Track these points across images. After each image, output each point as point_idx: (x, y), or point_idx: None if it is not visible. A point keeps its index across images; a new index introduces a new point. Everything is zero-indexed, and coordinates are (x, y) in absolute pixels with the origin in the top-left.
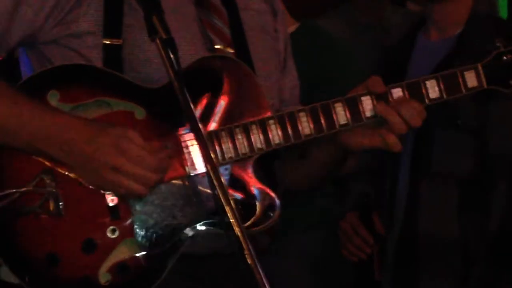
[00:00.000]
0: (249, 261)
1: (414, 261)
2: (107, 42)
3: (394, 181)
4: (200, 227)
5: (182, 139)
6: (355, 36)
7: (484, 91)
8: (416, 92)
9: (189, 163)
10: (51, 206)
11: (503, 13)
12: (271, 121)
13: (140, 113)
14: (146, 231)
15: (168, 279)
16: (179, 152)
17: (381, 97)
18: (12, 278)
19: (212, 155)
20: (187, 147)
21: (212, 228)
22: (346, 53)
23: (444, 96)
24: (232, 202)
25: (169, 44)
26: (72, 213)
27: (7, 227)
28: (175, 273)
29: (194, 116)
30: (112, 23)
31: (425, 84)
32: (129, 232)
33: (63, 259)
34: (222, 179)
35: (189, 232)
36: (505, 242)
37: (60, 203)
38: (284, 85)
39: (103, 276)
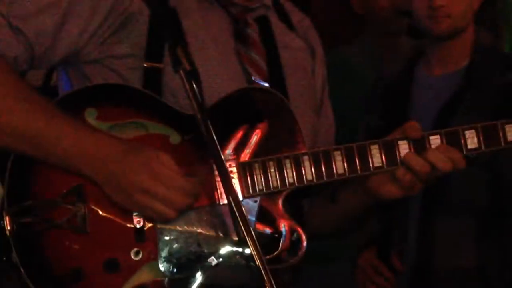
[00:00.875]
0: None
1: None
2: (148, 66)
3: (404, 215)
4: (224, 257)
5: (214, 168)
6: (376, 66)
7: None
8: (454, 141)
9: (218, 192)
10: (78, 222)
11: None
12: (305, 157)
13: (175, 138)
14: (170, 256)
15: None
16: (211, 180)
17: (419, 143)
18: None
19: (241, 186)
20: (218, 176)
21: (236, 259)
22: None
23: (483, 147)
24: (253, 234)
25: (193, 75)
26: (98, 231)
27: (33, 239)
28: None
29: (217, 148)
30: (154, 47)
31: (464, 134)
32: (153, 256)
33: (87, 275)
34: (244, 210)
35: (213, 261)
36: None
37: (87, 220)
38: (320, 126)
39: None
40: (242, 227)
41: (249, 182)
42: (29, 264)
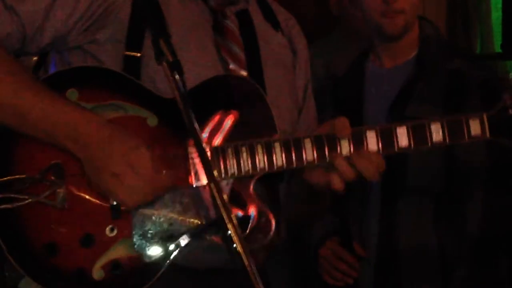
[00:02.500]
0: (250, 272)
1: (396, 275)
2: (128, 54)
3: (364, 200)
4: (195, 238)
5: (190, 151)
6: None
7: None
8: (420, 134)
9: (193, 174)
10: (56, 198)
11: (497, 41)
12: (277, 144)
13: (152, 120)
14: (143, 233)
15: None
16: (186, 162)
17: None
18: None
19: (215, 170)
20: (193, 158)
21: (208, 241)
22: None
23: (447, 141)
24: (234, 217)
25: (176, 67)
26: (76, 208)
27: (11, 213)
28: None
29: (198, 137)
30: (134, 36)
31: (430, 127)
32: (127, 232)
33: (62, 249)
34: (225, 196)
35: (183, 240)
36: (485, 245)
37: (65, 197)
38: (301, 124)
39: (97, 271)
40: (223, 210)
41: (222, 166)
42: (7, 237)
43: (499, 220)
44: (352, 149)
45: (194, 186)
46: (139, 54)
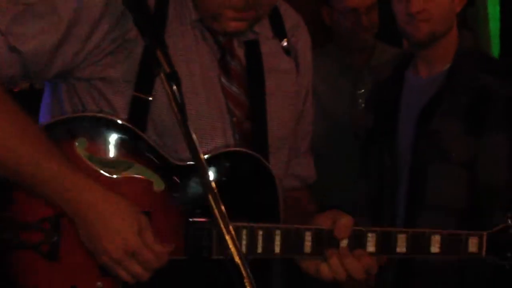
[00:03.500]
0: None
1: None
2: (137, 95)
3: (392, 215)
4: None
5: (188, 225)
6: (338, 75)
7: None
8: (418, 243)
9: (190, 248)
10: (49, 249)
11: (495, 51)
12: (278, 231)
13: (159, 185)
14: None
15: None
16: (183, 234)
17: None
18: None
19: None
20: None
21: None
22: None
23: (442, 254)
24: (232, 230)
25: (173, 78)
26: (66, 260)
27: (3, 256)
28: None
29: (198, 152)
30: (145, 78)
31: (429, 238)
32: None
33: None
34: (223, 208)
35: None
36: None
37: (58, 249)
38: (297, 134)
39: None
40: (221, 222)
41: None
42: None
43: None
44: (346, 249)
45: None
46: (150, 98)
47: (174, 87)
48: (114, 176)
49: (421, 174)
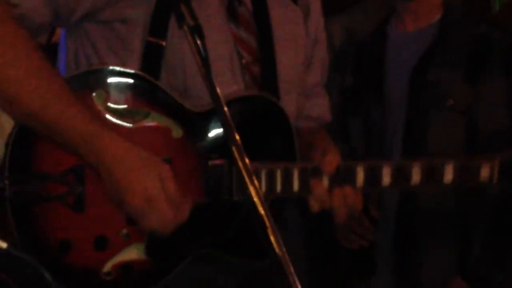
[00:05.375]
0: (272, 239)
1: (413, 238)
2: (151, 40)
3: None
4: (213, 250)
5: (208, 163)
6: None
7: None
8: (432, 173)
9: (211, 190)
10: (74, 200)
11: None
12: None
13: (177, 132)
14: (157, 240)
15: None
16: (203, 178)
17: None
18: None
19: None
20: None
21: (226, 254)
22: None
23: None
24: (256, 182)
25: (196, 31)
26: (92, 210)
27: (29, 208)
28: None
29: (222, 104)
30: (159, 22)
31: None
32: (140, 237)
33: (75, 248)
34: (247, 160)
35: (199, 251)
36: (507, 210)
37: (83, 200)
38: (307, 82)
39: (107, 272)
40: (245, 174)
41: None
42: (22, 231)
43: None
44: (331, 185)
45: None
46: (164, 43)
47: (198, 41)
48: (133, 125)
49: (419, 124)
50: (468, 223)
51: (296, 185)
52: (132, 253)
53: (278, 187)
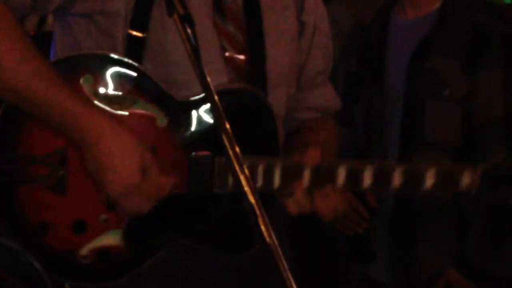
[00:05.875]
0: (263, 228)
1: (410, 228)
2: (132, 32)
3: (383, 154)
4: (193, 239)
5: (190, 159)
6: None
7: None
8: (413, 178)
9: (192, 182)
10: (56, 182)
11: None
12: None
13: (162, 121)
14: (135, 227)
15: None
16: (185, 169)
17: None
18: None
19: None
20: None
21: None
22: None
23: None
24: (246, 170)
25: (186, 19)
26: (73, 193)
27: (10, 188)
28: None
29: (211, 90)
30: (141, 14)
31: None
32: (118, 224)
33: (53, 230)
34: (237, 149)
35: (173, 236)
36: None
37: (64, 183)
38: (307, 71)
39: (84, 256)
40: (235, 162)
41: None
42: (3, 210)
43: None
44: (312, 183)
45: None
46: (143, 35)
47: (188, 30)
48: (120, 112)
49: (416, 112)
50: (464, 214)
51: (276, 182)
52: (110, 239)
53: (259, 182)
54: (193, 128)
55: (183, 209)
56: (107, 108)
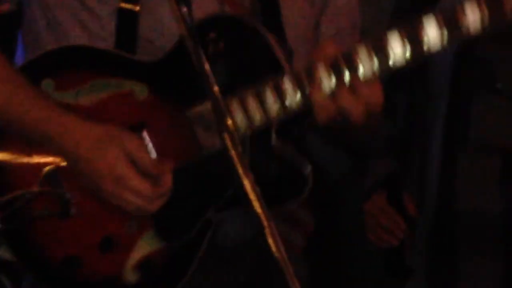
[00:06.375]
0: (269, 239)
1: (452, 242)
2: (123, 6)
3: (424, 154)
4: (225, 208)
5: (190, 115)
6: None
7: None
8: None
9: (201, 142)
10: (59, 207)
11: None
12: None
13: (141, 91)
14: (166, 221)
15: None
16: (191, 129)
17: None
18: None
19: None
20: (196, 123)
21: (236, 209)
22: None
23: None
24: (251, 175)
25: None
26: (84, 212)
27: (21, 232)
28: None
29: (209, 78)
30: None
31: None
32: (148, 225)
33: (84, 260)
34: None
35: (212, 216)
36: None
37: (68, 204)
38: (319, 35)
39: (131, 275)
40: (239, 166)
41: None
42: (26, 258)
43: None
44: (334, 80)
45: (204, 153)
46: (137, 8)
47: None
48: (91, 104)
49: (463, 107)
50: None
51: (292, 96)
52: (147, 245)
53: (273, 103)
54: (176, 85)
55: (204, 178)
56: (78, 103)
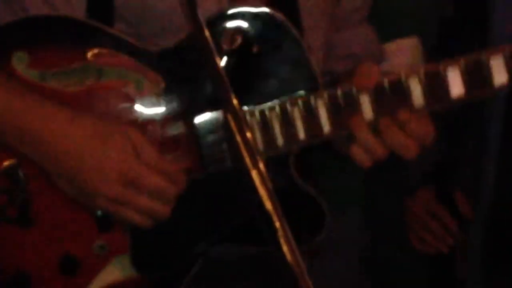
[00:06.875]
0: (283, 243)
1: (509, 255)
2: None
3: (479, 146)
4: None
5: (197, 126)
6: None
7: None
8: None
9: (206, 156)
10: (17, 212)
11: None
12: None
13: (139, 84)
14: (145, 247)
15: None
16: (193, 144)
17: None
18: None
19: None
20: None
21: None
22: None
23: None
24: (261, 165)
25: None
26: (46, 222)
27: None
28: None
29: (214, 59)
30: None
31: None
32: (122, 248)
33: (36, 281)
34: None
35: (204, 247)
36: None
37: (29, 209)
38: (340, 10)
39: None
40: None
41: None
42: None
43: None
44: (377, 112)
45: (208, 170)
46: None
47: None
48: (80, 88)
49: None
50: None
51: (325, 124)
52: (116, 271)
53: (300, 130)
54: (187, 81)
55: (204, 202)
56: (62, 89)
